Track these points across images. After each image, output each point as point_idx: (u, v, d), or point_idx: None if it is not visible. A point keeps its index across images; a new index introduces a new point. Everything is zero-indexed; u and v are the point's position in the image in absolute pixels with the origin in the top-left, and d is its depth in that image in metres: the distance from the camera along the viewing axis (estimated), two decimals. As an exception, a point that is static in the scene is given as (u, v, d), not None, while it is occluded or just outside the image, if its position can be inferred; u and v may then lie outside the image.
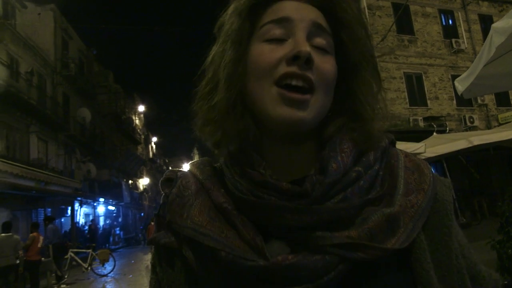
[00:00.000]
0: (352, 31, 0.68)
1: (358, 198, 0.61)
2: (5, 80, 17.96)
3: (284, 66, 0.63)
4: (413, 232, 0.60)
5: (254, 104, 0.65)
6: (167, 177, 0.76)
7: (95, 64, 34.75)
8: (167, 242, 0.69)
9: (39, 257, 11.02)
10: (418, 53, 20.15)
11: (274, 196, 0.62)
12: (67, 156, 26.05)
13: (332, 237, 0.58)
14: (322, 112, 0.66)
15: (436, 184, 0.66)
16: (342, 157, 0.64)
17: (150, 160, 53.98)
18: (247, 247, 0.60)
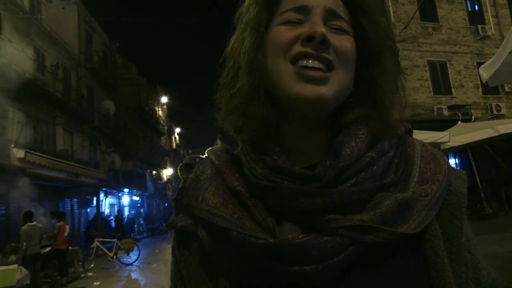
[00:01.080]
0: (372, 17, 0.68)
1: (370, 183, 0.62)
2: (32, 73, 18.31)
3: (299, 46, 0.64)
4: (425, 220, 0.61)
5: (273, 85, 0.65)
6: (186, 163, 0.80)
7: (118, 57, 35.13)
8: (183, 225, 0.71)
9: (66, 246, 11.30)
10: (442, 41, 19.70)
11: (287, 180, 0.62)
12: (92, 147, 26.50)
13: (343, 219, 0.58)
14: (343, 91, 0.66)
15: (451, 176, 0.67)
16: (356, 143, 0.64)
17: (174, 151, 54.47)
18: (259, 227, 0.61)
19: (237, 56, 0.70)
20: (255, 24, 0.68)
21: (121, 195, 30.58)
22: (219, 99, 0.73)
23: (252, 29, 0.68)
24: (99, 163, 26.09)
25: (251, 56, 0.66)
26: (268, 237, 0.59)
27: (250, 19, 0.69)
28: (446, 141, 10.18)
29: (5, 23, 17.82)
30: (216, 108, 0.74)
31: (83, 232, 21.40)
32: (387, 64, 0.69)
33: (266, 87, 0.66)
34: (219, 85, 0.73)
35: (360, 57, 0.68)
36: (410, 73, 18.79)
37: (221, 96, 0.72)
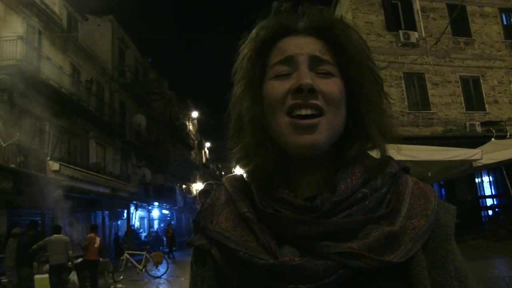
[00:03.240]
0: (348, 53, 0.75)
1: (361, 215, 0.69)
2: (68, 88, 18.91)
3: (290, 99, 0.72)
4: (411, 251, 0.68)
5: (274, 135, 0.74)
6: (205, 189, 0.89)
7: (150, 72, 35.84)
8: (200, 244, 0.81)
9: (97, 257, 11.50)
10: (476, 56, 19.32)
11: (290, 210, 0.71)
12: (123, 161, 27.00)
13: (335, 246, 0.66)
14: (335, 132, 0.74)
15: (439, 211, 0.73)
16: (352, 179, 0.72)
17: (203, 165, 54.87)
18: (262, 249, 0.70)
19: (238, 112, 0.79)
20: (250, 81, 0.77)
21: (151, 208, 30.92)
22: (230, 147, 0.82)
23: (248, 86, 0.77)
24: (130, 176, 26.54)
25: (251, 114, 0.75)
26: (269, 258, 0.67)
27: (245, 76, 0.78)
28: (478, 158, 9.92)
29: (45, 41, 18.52)
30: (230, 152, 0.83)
31: (113, 244, 21.71)
32: (368, 94, 0.76)
33: (270, 138, 0.75)
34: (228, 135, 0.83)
35: (348, 93, 0.76)
36: (441, 88, 18.50)
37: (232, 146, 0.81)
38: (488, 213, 18.00)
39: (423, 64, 18.29)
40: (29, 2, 17.38)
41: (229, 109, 0.84)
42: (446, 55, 18.87)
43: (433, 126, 17.98)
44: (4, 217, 14.27)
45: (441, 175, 12.35)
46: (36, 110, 16.33)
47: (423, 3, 19.04)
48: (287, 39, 0.77)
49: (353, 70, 0.75)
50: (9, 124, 14.97)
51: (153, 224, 32.35)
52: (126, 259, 14.60)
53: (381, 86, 0.79)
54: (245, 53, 0.79)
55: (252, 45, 0.78)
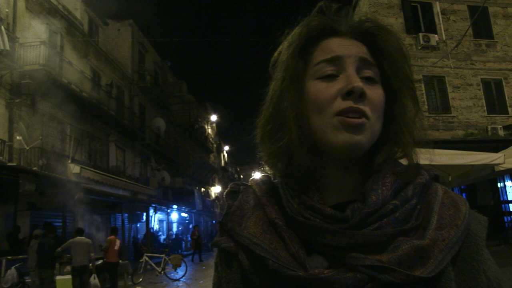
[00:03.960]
0: (392, 60, 0.75)
1: (392, 228, 0.68)
2: (88, 92, 19.19)
3: (340, 101, 0.71)
4: (441, 264, 0.66)
5: (315, 135, 0.73)
6: (231, 189, 0.89)
7: (169, 75, 36.14)
8: (227, 246, 0.80)
9: (117, 259, 11.62)
10: (498, 58, 18.98)
11: (319, 219, 0.71)
12: (143, 164, 27.26)
13: (365, 258, 0.66)
14: (373, 138, 0.73)
15: (470, 221, 0.71)
16: (383, 190, 0.71)
17: (222, 169, 55.02)
18: (291, 258, 0.69)
19: (276, 106, 0.77)
20: (294, 78, 0.75)
21: (170, 211, 31.09)
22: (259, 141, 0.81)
23: (292, 83, 0.75)
24: (150, 179, 26.73)
25: (293, 114, 0.73)
26: (298, 269, 0.67)
27: (288, 73, 0.76)
28: (500, 163, 9.74)
29: (67, 45, 18.85)
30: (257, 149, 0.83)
31: (132, 247, 21.91)
32: (406, 102, 0.76)
33: (309, 139, 0.74)
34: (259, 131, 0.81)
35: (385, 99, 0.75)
36: (462, 91, 18.23)
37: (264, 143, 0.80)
38: (511, 218, 17.63)
39: (444, 67, 18.07)
40: (52, 8, 17.72)
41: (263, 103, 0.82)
42: (467, 57, 18.60)
43: (453, 130, 17.73)
44: (27, 219, 14.54)
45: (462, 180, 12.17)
46: (57, 114, 16.62)
47: (444, 5, 18.80)
48: (332, 39, 0.77)
49: (395, 77, 0.75)
50: (32, 127, 15.26)
51: (172, 227, 32.53)
52: (145, 261, 14.72)
53: (415, 95, 0.79)
54: (288, 49, 0.78)
55: (296, 41, 0.77)
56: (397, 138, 0.75)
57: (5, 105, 14.59)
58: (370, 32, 0.77)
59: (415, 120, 0.78)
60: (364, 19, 0.78)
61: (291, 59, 0.76)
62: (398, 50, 0.76)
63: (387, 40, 0.76)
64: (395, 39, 0.77)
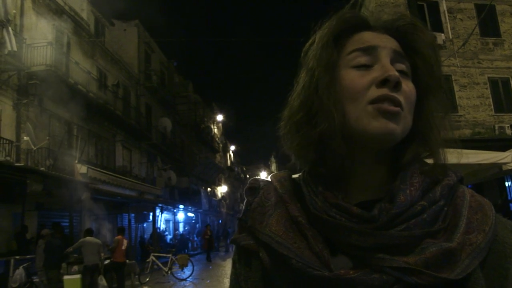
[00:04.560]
0: (425, 57, 0.75)
1: (419, 229, 0.67)
2: (95, 92, 19.28)
3: (375, 89, 0.70)
4: (468, 268, 0.65)
5: (348, 123, 0.71)
6: (251, 185, 0.86)
7: (176, 75, 36.22)
8: (246, 244, 0.79)
9: (124, 259, 11.69)
10: (505, 56, 18.82)
11: (345, 218, 0.69)
12: (149, 164, 27.33)
13: (391, 260, 0.64)
14: (406, 129, 0.72)
15: (497, 227, 0.70)
16: (411, 191, 0.70)
17: (228, 168, 55.07)
18: (315, 258, 0.67)
19: (308, 94, 0.75)
20: (328, 66, 0.74)
21: (177, 211, 31.18)
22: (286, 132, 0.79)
23: (327, 70, 0.73)
24: (156, 179, 26.82)
25: (332, 99, 0.72)
26: (323, 269, 0.66)
27: (322, 61, 0.74)
28: (508, 162, 9.67)
29: (73, 46, 18.93)
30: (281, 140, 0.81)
31: (139, 246, 21.99)
32: (436, 101, 0.75)
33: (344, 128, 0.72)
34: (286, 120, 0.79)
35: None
36: (469, 90, 18.13)
37: (290, 131, 0.78)
38: (519, 217, 17.54)
39: (450, 66, 17.96)
40: (58, 8, 17.81)
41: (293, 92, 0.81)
42: (474, 56, 18.48)
43: (460, 129, 17.62)
44: (35, 219, 14.62)
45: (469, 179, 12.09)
46: (64, 114, 16.72)
47: (450, 4, 18.68)
48: (365, 32, 0.77)
49: (428, 74, 0.75)
50: (39, 128, 15.35)
51: (178, 227, 32.62)
52: (152, 261, 14.77)
53: (445, 94, 0.78)
54: (320, 39, 0.77)
55: (329, 33, 0.76)
56: (426, 137, 0.74)
57: (13, 106, 14.68)
58: (404, 29, 0.77)
59: (445, 120, 0.77)
60: (397, 17, 0.78)
61: (324, 49, 0.75)
62: (431, 48, 0.76)
63: (421, 38, 0.76)
64: (430, 38, 0.76)
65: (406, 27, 0.76)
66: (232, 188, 52.65)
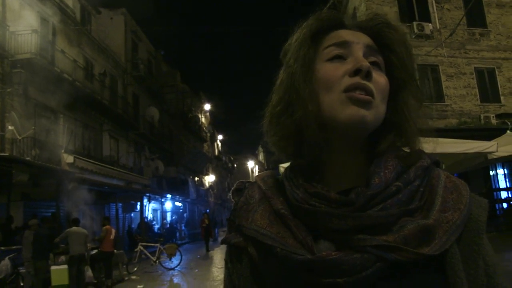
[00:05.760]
0: (398, 54, 0.80)
1: (396, 208, 0.70)
2: (81, 81, 19.07)
3: (348, 78, 0.75)
4: (445, 244, 0.68)
5: (324, 112, 0.76)
6: (237, 187, 0.91)
7: (163, 64, 35.96)
8: (236, 242, 0.82)
9: (112, 249, 11.67)
10: (491, 47, 19.01)
11: (324, 205, 0.72)
12: (137, 153, 27.22)
13: (371, 239, 0.68)
14: (379, 118, 0.76)
15: (472, 205, 0.74)
16: (385, 173, 0.74)
17: (216, 158, 55.09)
18: (299, 245, 0.71)
19: (287, 88, 0.80)
20: (305, 61, 0.78)
21: (164, 200, 31.15)
22: (267, 126, 0.84)
23: (303, 65, 0.78)
24: (144, 169, 26.74)
25: (307, 89, 0.76)
26: (306, 253, 0.69)
27: (300, 57, 0.79)
28: (493, 151, 9.83)
29: (59, 35, 18.67)
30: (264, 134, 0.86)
31: (127, 236, 21.95)
32: (411, 94, 0.80)
33: (319, 117, 0.76)
34: (267, 115, 0.84)
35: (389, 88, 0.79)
36: (456, 80, 18.28)
37: (273, 124, 0.82)
38: (502, 206, 17.83)
39: (438, 56, 18.10)
40: (43, -4, 17.51)
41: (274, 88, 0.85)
42: (461, 46, 18.63)
43: (447, 119, 17.81)
44: (21, 209, 14.49)
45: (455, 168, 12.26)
46: (50, 103, 16.51)
47: (438, -6, 18.77)
48: (340, 30, 0.82)
49: (402, 68, 0.80)
50: (24, 117, 15.16)
51: (166, 216, 32.60)
52: (140, 251, 14.75)
53: (419, 87, 0.82)
54: (298, 38, 0.82)
55: (307, 32, 0.81)
56: (402, 127, 0.78)
57: (-3, 95, 14.47)
58: (378, 28, 0.81)
59: (419, 111, 0.81)
60: (371, 17, 0.83)
61: (302, 46, 0.80)
62: (404, 45, 0.81)
63: (394, 35, 0.81)
64: (402, 36, 0.82)
65: (379, 26, 0.81)
66: (220, 177, 52.68)
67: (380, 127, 0.78)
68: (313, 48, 0.80)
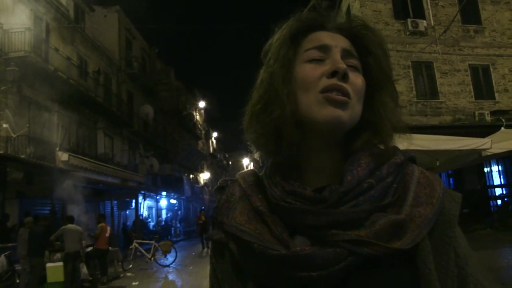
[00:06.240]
0: (375, 56, 0.83)
1: (368, 204, 0.73)
2: (75, 79, 18.99)
3: (325, 79, 0.78)
4: (417, 238, 0.71)
5: (301, 112, 0.78)
6: (220, 185, 0.94)
7: (157, 62, 35.84)
8: (218, 238, 0.86)
9: (107, 246, 11.67)
10: (486, 44, 19.04)
11: (300, 202, 0.76)
12: (131, 151, 27.16)
13: (344, 234, 0.71)
14: (355, 118, 0.80)
15: (444, 199, 0.76)
16: (358, 171, 0.76)
17: (211, 155, 55.01)
18: (276, 240, 0.74)
19: (267, 88, 0.83)
20: (285, 62, 0.82)
21: (159, 198, 31.12)
22: (247, 124, 0.86)
23: (283, 66, 0.81)
24: (138, 166, 26.68)
25: (285, 90, 0.79)
26: (282, 249, 0.72)
27: (279, 57, 0.82)
28: (487, 148, 9.86)
29: (53, 32, 18.57)
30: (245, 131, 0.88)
31: (122, 234, 21.91)
32: (387, 94, 0.84)
33: (297, 116, 0.79)
34: (247, 113, 0.87)
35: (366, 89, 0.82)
36: (450, 78, 18.34)
37: (253, 122, 0.85)
38: (497, 202, 17.91)
39: (432, 53, 18.15)
40: (36, -7, 17.39)
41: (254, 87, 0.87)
42: (455, 43, 18.68)
43: (441, 116, 17.88)
44: (16, 207, 14.43)
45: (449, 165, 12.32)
46: (45, 101, 16.43)
47: (432, -9, 18.79)
48: (319, 32, 0.84)
49: (379, 70, 0.83)
50: (18, 115, 15.08)
51: (161, 214, 32.57)
52: (135, 248, 14.76)
53: (395, 88, 0.86)
54: (278, 39, 0.85)
55: (287, 33, 0.84)
56: (377, 126, 0.81)
57: (-9, 93, 14.38)
58: (356, 30, 0.85)
59: (394, 111, 0.84)
60: (351, 19, 0.87)
61: (282, 47, 0.83)
62: (381, 48, 0.84)
63: (371, 38, 0.84)
64: (379, 39, 0.85)
65: (358, 28, 0.85)
66: (215, 174, 52.57)
67: (356, 126, 0.81)
68: (292, 49, 0.83)
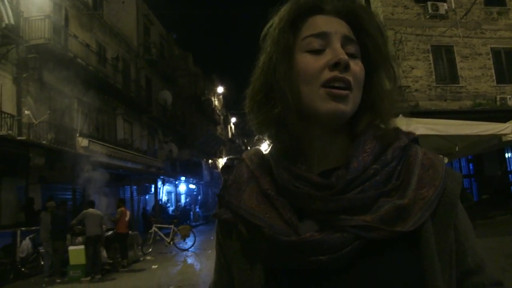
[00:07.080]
0: (373, 38, 0.84)
1: (374, 190, 0.76)
2: (95, 66, 19.18)
3: (327, 72, 0.79)
4: (420, 220, 0.75)
5: (303, 104, 0.80)
6: (226, 164, 0.96)
7: (175, 48, 35.88)
8: (226, 218, 0.87)
9: (127, 230, 11.91)
10: (510, 26, 18.48)
11: (308, 187, 0.78)
12: (150, 136, 27.40)
13: (351, 219, 0.74)
14: (355, 107, 0.81)
15: (446, 180, 0.80)
16: (363, 157, 0.79)
17: (229, 140, 55.20)
18: (285, 225, 0.77)
19: (267, 76, 0.83)
20: (285, 50, 0.82)
21: (178, 183, 31.40)
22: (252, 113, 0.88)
23: (284, 55, 0.81)
24: (157, 152, 26.94)
25: (287, 83, 0.80)
26: (292, 234, 0.75)
27: (278, 46, 0.82)
28: (508, 133, 9.71)
29: (72, 20, 18.74)
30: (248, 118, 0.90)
31: (142, 218, 22.24)
32: (385, 76, 0.85)
33: (299, 107, 0.80)
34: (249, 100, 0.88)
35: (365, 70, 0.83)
36: (471, 61, 17.97)
37: (255, 110, 0.87)
38: (517, 188, 17.64)
39: (452, 36, 17.79)
40: (55, -20, 17.53)
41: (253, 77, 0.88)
42: (477, 26, 18.24)
43: (461, 100, 17.59)
44: (38, 192, 14.78)
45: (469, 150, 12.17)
46: (64, 88, 16.66)
47: (454, -28, 18.33)
48: (318, 16, 0.84)
49: (377, 53, 0.84)
50: (39, 102, 15.34)
51: (180, 199, 32.92)
52: (154, 232, 15.01)
53: (393, 69, 0.87)
54: (277, 24, 0.84)
55: (285, 17, 0.84)
56: (377, 107, 0.83)
57: (13, 80, 14.65)
58: (354, 13, 0.84)
59: (393, 92, 0.85)
60: (348, 2, 0.86)
61: (282, 34, 0.82)
62: (378, 30, 0.84)
63: (369, 20, 0.84)
64: (376, 20, 0.85)
65: (356, 10, 0.84)
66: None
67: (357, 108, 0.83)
68: (292, 36, 0.82)
